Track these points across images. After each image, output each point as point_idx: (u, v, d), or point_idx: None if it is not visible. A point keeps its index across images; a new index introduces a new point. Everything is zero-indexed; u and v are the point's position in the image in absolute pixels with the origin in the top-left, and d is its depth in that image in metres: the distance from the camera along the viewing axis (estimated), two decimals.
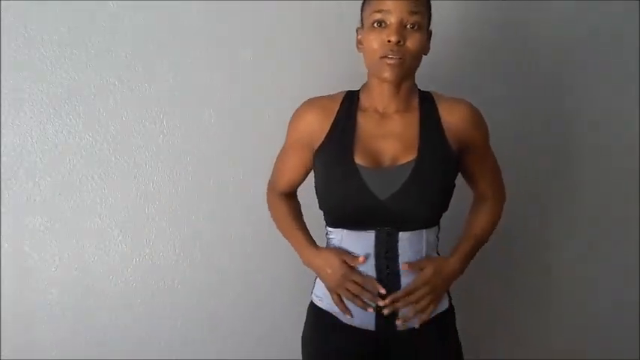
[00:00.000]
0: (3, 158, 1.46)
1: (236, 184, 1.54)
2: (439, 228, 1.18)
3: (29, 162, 1.47)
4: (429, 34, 1.15)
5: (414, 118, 1.15)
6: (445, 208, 1.16)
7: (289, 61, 1.54)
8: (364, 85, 1.20)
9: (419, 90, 1.20)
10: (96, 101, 1.48)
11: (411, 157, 1.10)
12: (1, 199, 1.47)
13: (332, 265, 1.14)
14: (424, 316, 1.13)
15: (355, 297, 1.11)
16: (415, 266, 1.11)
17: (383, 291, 1.10)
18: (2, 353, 1.53)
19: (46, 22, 1.42)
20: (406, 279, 1.12)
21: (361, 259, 1.11)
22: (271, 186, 1.33)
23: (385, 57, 1.08)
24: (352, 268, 1.12)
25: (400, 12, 1.07)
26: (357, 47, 1.17)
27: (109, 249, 1.55)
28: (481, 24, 1.61)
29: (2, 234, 1.49)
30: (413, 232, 1.12)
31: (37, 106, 1.45)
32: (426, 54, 1.14)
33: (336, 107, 1.18)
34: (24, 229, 1.50)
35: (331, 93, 1.20)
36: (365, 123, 1.15)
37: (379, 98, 1.16)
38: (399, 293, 1.10)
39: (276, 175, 1.30)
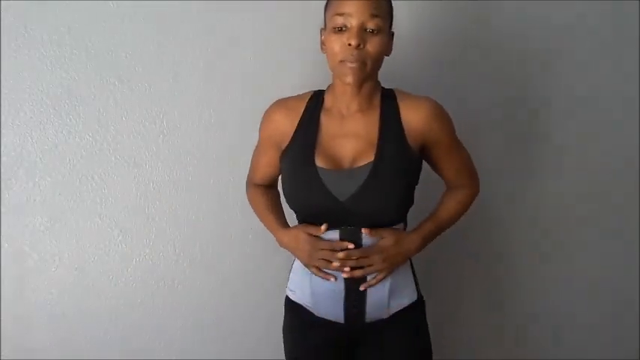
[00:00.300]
0: (3, 158, 1.46)
1: (236, 184, 1.54)
2: (406, 224, 1.20)
3: (29, 162, 1.47)
4: (391, 35, 1.15)
5: (374, 117, 1.16)
6: (409, 204, 1.17)
7: (289, 61, 1.54)
8: (330, 86, 1.21)
9: (382, 88, 1.20)
10: (96, 101, 1.48)
11: (369, 158, 1.12)
12: (1, 199, 1.48)
13: (299, 240, 1.16)
14: (372, 282, 1.14)
15: (329, 262, 1.12)
16: (376, 234, 1.12)
17: (351, 246, 1.11)
18: (2, 353, 1.53)
19: (46, 22, 1.42)
20: (371, 276, 1.14)
21: (323, 227, 1.12)
22: (249, 180, 1.37)
23: (345, 60, 1.08)
24: (318, 238, 1.14)
25: (361, 15, 1.06)
26: (321, 48, 1.17)
27: (109, 249, 1.55)
28: (479, 22, 1.61)
29: (2, 234, 1.49)
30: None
31: (37, 106, 1.45)
32: (388, 55, 1.14)
33: (302, 107, 1.19)
34: (24, 229, 1.50)
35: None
36: (328, 123, 1.17)
37: (342, 98, 1.16)
38: (355, 251, 1.11)
39: (252, 170, 1.34)
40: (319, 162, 1.12)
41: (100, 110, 1.48)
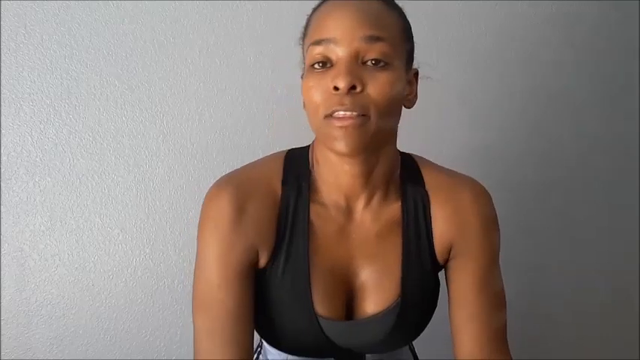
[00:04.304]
0: (3, 158, 1.46)
1: None
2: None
3: (29, 162, 1.47)
4: (415, 74, 0.76)
5: (393, 218, 0.77)
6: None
7: (289, 61, 1.53)
8: (315, 154, 0.79)
9: (400, 157, 0.81)
10: (96, 101, 1.48)
11: (390, 296, 0.76)
12: (1, 199, 1.48)
13: None
14: None
15: None
16: None
17: None
18: (2, 353, 1.53)
19: (46, 22, 1.42)
20: None
21: None
22: None
23: (332, 115, 0.68)
24: None
25: (352, 38, 0.68)
26: (303, 104, 0.77)
27: (109, 249, 1.55)
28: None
29: (2, 234, 1.49)
30: (383, 354, 0.84)
31: (37, 106, 1.45)
32: (408, 106, 0.75)
33: (278, 194, 0.76)
34: (24, 229, 1.50)
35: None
36: (323, 232, 0.76)
37: (339, 181, 0.75)
38: None
39: (216, 342, 0.77)
40: (319, 307, 0.75)
41: (100, 110, 1.48)
